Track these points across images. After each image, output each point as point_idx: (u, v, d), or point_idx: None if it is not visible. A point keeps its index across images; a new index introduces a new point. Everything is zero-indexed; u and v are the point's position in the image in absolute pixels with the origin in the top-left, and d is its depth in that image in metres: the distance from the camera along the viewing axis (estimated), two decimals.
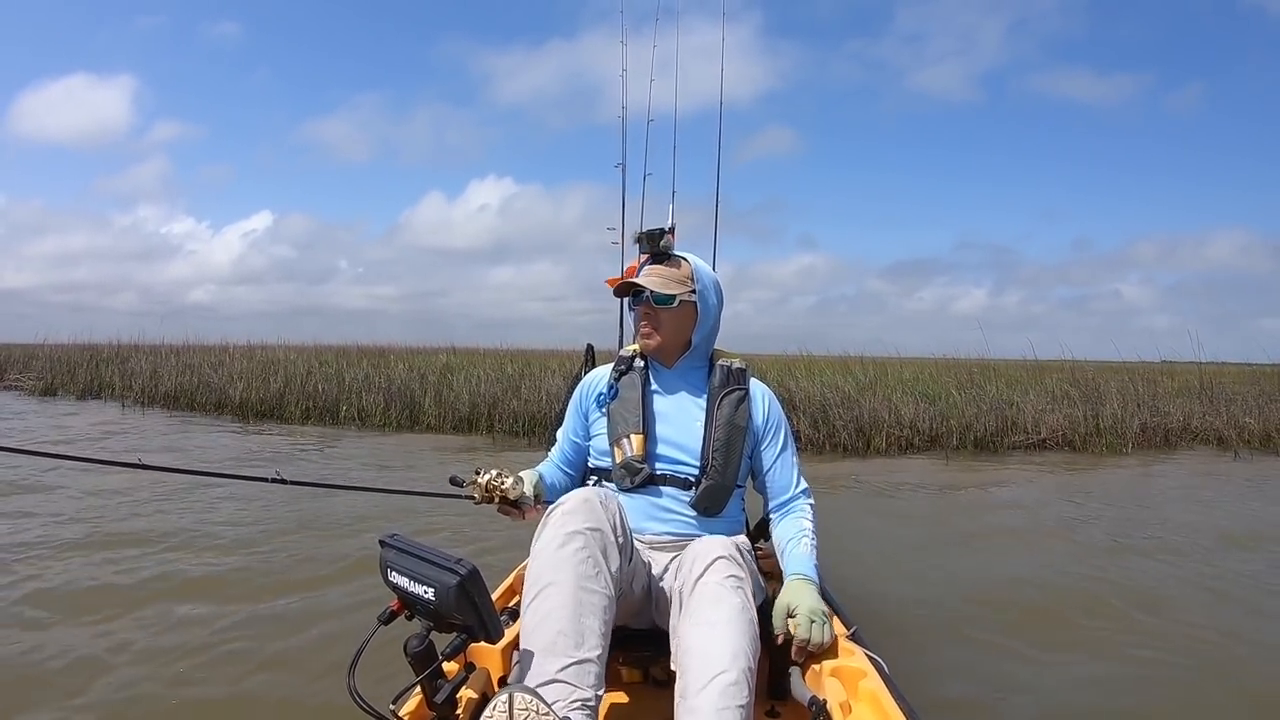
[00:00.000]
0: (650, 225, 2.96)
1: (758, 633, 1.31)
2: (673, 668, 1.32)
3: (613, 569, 1.36)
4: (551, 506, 1.43)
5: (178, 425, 8.96)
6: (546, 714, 1.11)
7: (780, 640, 1.51)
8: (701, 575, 1.35)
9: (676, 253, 1.80)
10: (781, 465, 1.78)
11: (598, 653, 1.26)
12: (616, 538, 1.40)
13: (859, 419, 7.78)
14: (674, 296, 1.72)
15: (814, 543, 1.68)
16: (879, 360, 10.50)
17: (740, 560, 1.40)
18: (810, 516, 1.75)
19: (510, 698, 1.11)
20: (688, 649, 1.28)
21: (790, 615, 1.50)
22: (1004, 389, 8.83)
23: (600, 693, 1.26)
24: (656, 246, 1.78)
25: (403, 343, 14.91)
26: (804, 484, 1.81)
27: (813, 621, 1.48)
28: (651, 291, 1.71)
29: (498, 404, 8.83)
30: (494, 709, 1.11)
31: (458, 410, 8.98)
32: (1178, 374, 10.79)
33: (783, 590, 1.58)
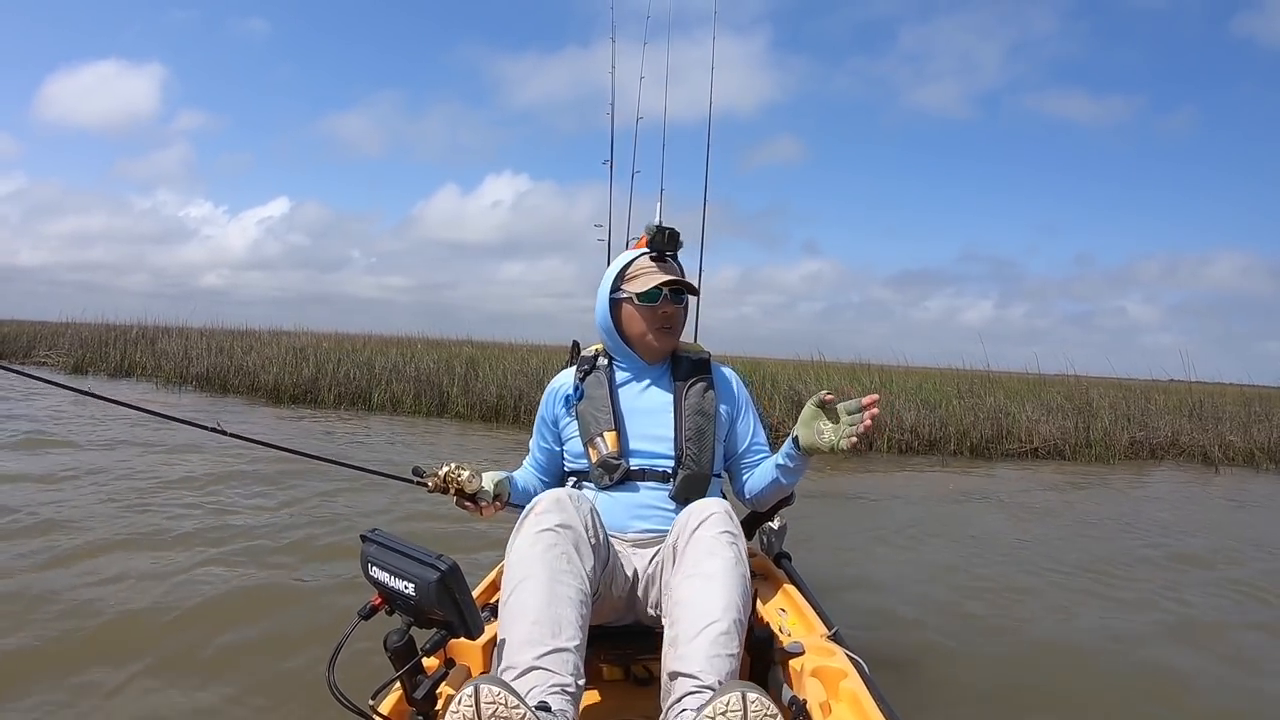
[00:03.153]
0: (638, 223, 2.81)
1: (749, 587, 1.32)
2: (663, 620, 1.33)
3: (587, 566, 1.35)
4: (525, 509, 1.42)
5: (264, 413, 9.49)
6: (517, 707, 1.05)
7: (830, 399, 1.56)
8: (696, 529, 1.36)
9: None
10: (755, 441, 1.83)
11: (575, 643, 1.25)
12: (589, 536, 1.39)
13: None
14: (686, 296, 1.78)
15: None
16: (885, 368, 10.95)
17: (734, 520, 1.42)
18: None
19: (476, 690, 1.05)
20: (679, 600, 1.29)
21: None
22: (1003, 400, 9.27)
23: (581, 683, 1.24)
24: (676, 246, 1.77)
25: (410, 333, 15.00)
26: None
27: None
28: (674, 290, 1.74)
29: (524, 396, 9.35)
30: (459, 704, 1.06)
31: (485, 401, 9.50)
32: (1174, 392, 11.15)
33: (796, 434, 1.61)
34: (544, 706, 1.14)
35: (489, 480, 1.61)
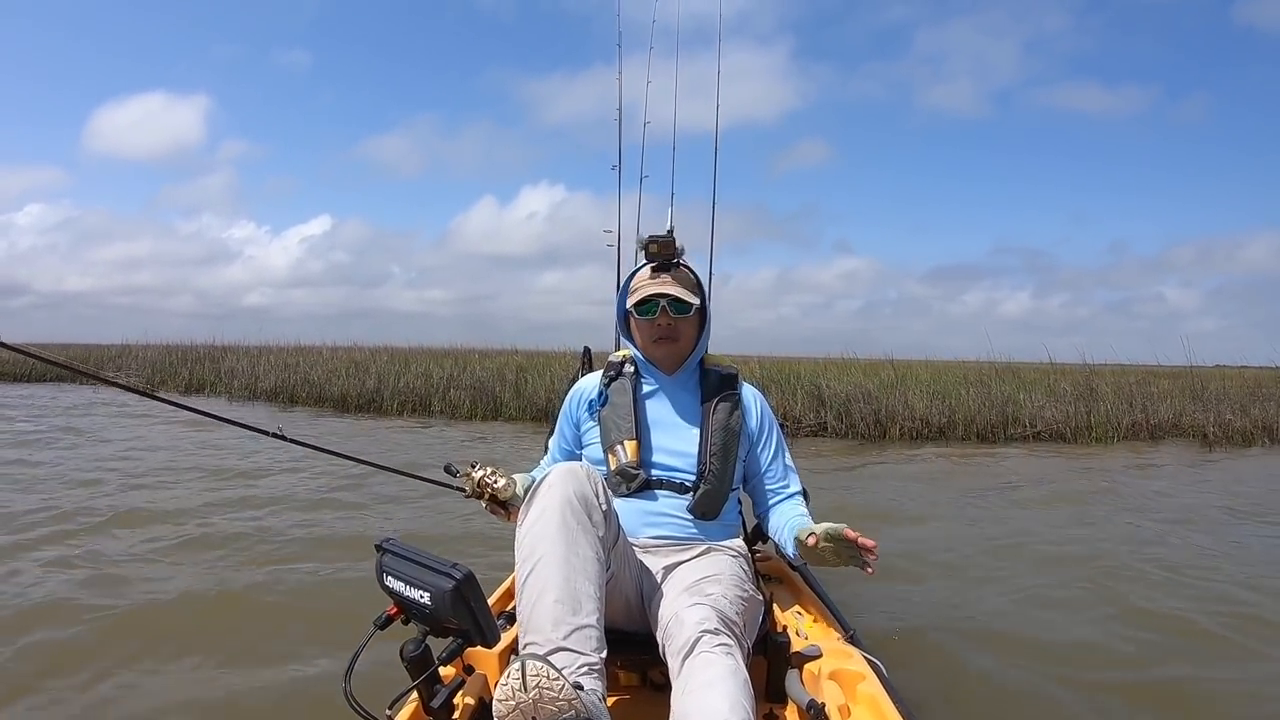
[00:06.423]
0: (648, 227, 2.75)
1: (752, 691, 1.27)
2: None
3: (600, 533, 1.36)
4: (537, 482, 1.42)
5: (351, 424, 10.49)
6: (557, 679, 1.12)
7: (812, 541, 1.47)
8: (690, 654, 1.29)
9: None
10: (776, 466, 1.78)
11: (595, 616, 1.27)
12: (600, 504, 1.39)
13: (877, 412, 9.08)
14: (692, 305, 1.72)
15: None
16: (907, 362, 11.62)
17: (727, 624, 1.35)
18: (807, 510, 1.71)
19: (523, 665, 1.12)
20: (684, 714, 1.22)
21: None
22: (1013, 389, 9.86)
23: (603, 654, 1.27)
24: (672, 254, 1.73)
25: (452, 344, 15.92)
26: (800, 484, 1.78)
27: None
28: (673, 301, 1.70)
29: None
30: (508, 677, 1.12)
31: (535, 404, 10.41)
32: (1179, 376, 11.52)
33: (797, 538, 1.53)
34: (577, 686, 1.18)
35: (520, 486, 1.61)
